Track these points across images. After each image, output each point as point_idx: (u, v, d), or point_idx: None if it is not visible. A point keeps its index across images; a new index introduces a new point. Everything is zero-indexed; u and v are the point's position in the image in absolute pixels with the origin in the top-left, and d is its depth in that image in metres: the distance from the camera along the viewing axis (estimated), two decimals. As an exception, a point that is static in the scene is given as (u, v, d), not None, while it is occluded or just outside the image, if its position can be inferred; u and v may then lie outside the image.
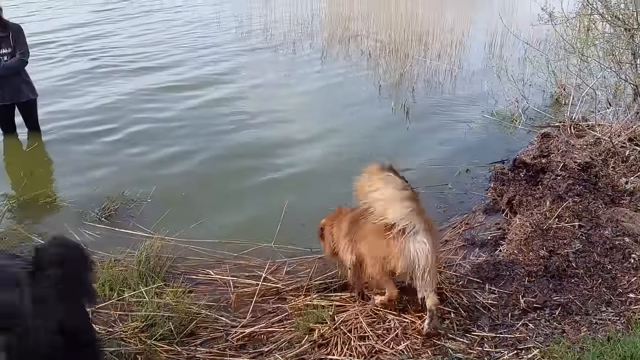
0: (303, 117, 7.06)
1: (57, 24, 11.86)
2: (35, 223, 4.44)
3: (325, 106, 7.56)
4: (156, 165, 5.55)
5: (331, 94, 8.01)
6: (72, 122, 6.58)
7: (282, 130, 6.55)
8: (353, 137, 6.42)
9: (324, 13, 12.99)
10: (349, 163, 5.39)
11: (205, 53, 9.92)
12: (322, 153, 5.96)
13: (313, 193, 4.99)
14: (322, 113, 7.29)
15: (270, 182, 5.26)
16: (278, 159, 5.78)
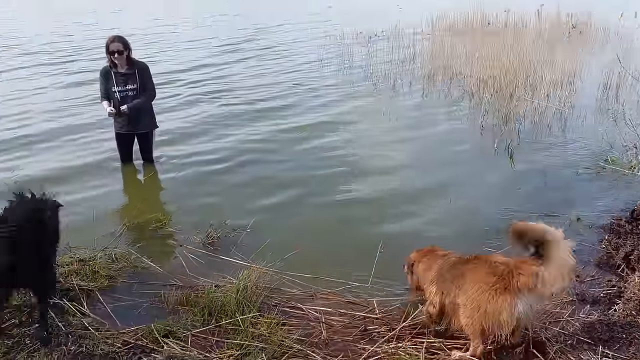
0: (403, 159, 6.94)
1: (182, 63, 12.77)
2: (146, 245, 4.74)
3: (426, 147, 7.43)
4: (257, 199, 5.73)
5: (432, 134, 7.88)
6: (185, 154, 6.99)
7: (384, 173, 6.46)
8: (453, 177, 6.25)
9: (425, 52, 12.98)
10: (452, 206, 5.25)
11: (313, 94, 10.13)
12: (422, 193, 5.86)
13: (413, 234, 4.90)
14: (424, 154, 7.15)
15: (367, 220, 5.23)
16: (374, 201, 5.71)
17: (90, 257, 4.35)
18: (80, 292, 3.86)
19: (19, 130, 7.89)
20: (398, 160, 6.86)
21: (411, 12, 18.13)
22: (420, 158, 6.97)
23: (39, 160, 6.77)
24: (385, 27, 15.59)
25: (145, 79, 6.04)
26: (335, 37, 15.63)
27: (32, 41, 16.13)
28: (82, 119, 8.38)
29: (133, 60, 5.98)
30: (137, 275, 4.21)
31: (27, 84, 10.79)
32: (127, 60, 5.89)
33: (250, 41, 16.26)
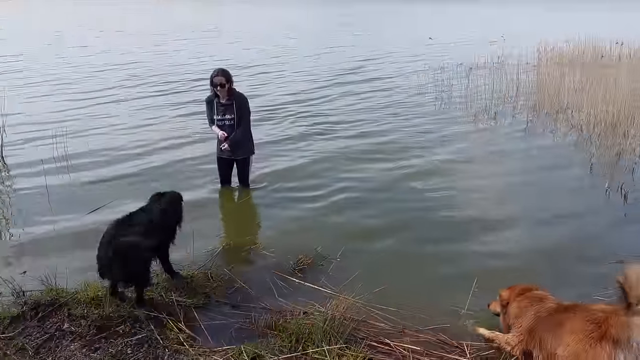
0: (505, 196, 6.65)
1: (287, 95, 13.16)
2: (239, 266, 4.89)
3: (529, 184, 7.05)
4: (349, 228, 5.75)
5: (535, 171, 7.49)
6: (282, 181, 7.14)
7: (482, 210, 6.17)
8: (558, 218, 5.86)
9: (530, 84, 12.47)
10: (557, 247, 4.97)
11: (410, 123, 10.08)
12: (523, 234, 5.57)
13: (509, 272, 4.64)
14: (526, 191, 6.81)
15: (462, 258, 5.06)
16: (473, 238, 5.51)
17: (189, 274, 4.59)
18: (178, 307, 4.07)
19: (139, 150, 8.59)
20: (498, 197, 6.56)
21: (515, 44, 17.57)
22: (524, 197, 6.62)
23: (147, 177, 7.29)
24: (487, 58, 15.25)
25: (242, 110, 6.35)
26: (435, 68, 15.52)
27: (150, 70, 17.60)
28: (189, 142, 8.92)
29: (234, 91, 6.32)
30: (230, 296, 4.36)
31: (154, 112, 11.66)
32: (228, 92, 6.24)
33: (354, 73, 16.50)
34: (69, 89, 13.87)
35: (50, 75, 15.95)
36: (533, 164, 7.75)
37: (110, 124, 10.12)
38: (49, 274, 4.35)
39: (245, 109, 6.39)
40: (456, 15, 51.36)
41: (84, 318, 3.81)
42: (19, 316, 3.82)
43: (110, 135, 9.36)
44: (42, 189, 6.67)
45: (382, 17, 50.58)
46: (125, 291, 4.15)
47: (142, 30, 35.00)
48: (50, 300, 3.97)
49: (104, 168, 7.60)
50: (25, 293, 4.18)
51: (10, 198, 6.55)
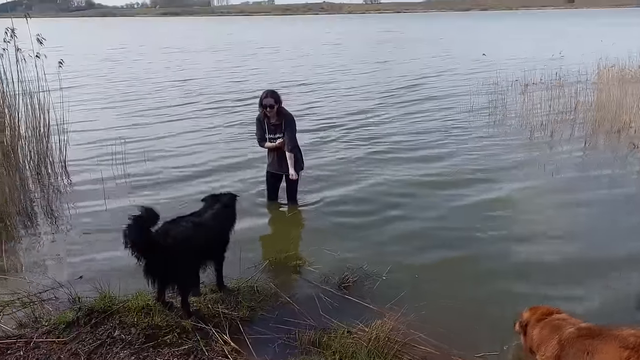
0: (562, 225, 6.18)
1: (340, 110, 13.25)
2: (284, 281, 4.91)
3: (591, 213, 6.60)
4: (397, 248, 5.66)
5: (597, 197, 7.06)
6: (330, 196, 7.15)
7: (541, 240, 5.80)
8: (619, 252, 5.45)
9: (589, 101, 11.99)
10: (617, 286, 4.71)
11: (465, 145, 9.73)
12: (579, 266, 5.20)
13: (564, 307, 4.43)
14: (587, 221, 6.33)
15: (516, 287, 4.85)
16: (535, 274, 5.11)
17: (235, 287, 4.65)
18: (224, 320, 4.12)
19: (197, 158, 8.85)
20: (557, 227, 6.13)
21: (574, 60, 17.01)
22: (582, 226, 6.20)
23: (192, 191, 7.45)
24: (543, 75, 14.82)
25: (291, 129, 6.45)
26: (489, 84, 15.22)
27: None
28: (240, 159, 9.09)
29: (282, 111, 6.43)
30: (275, 310, 4.37)
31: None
32: (277, 112, 6.37)
33: (407, 90, 16.45)
34: (130, 105, 14.50)
35: (112, 91, 16.75)
36: (592, 190, 7.28)
37: (167, 139, 10.51)
38: (102, 280, 4.53)
39: (291, 130, 6.48)
40: (511, 30, 50.38)
41: (134, 326, 3.92)
42: (73, 322, 3.98)
43: (166, 150, 9.69)
44: (100, 197, 6.98)
45: (437, 32, 50.26)
46: (173, 301, 4.25)
47: (202, 48, 36.21)
48: (103, 308, 4.12)
49: (159, 181, 7.89)
50: (81, 299, 4.36)
51: (70, 208, 6.86)
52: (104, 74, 21.39)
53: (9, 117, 7.82)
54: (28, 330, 3.95)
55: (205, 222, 4.27)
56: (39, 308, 4.31)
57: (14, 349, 3.69)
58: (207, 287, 4.60)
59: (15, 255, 5.54)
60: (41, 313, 4.22)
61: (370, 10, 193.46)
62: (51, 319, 4.04)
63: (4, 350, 3.68)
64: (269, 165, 6.76)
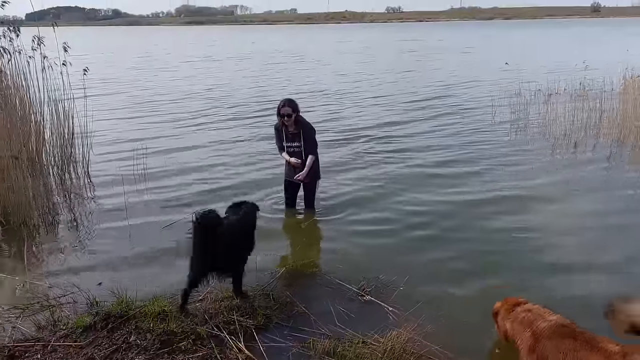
0: (595, 239, 5.99)
1: (364, 120, 13.15)
2: (300, 289, 4.89)
3: (622, 228, 6.29)
4: (416, 258, 5.57)
5: (626, 215, 6.78)
6: (350, 205, 7.08)
7: (572, 272, 5.31)
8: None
9: (615, 111, 11.76)
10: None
11: (489, 154, 9.57)
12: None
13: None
14: (617, 243, 5.91)
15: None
16: (560, 285, 4.96)
17: (251, 294, 4.65)
18: (239, 327, 4.12)
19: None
20: (587, 241, 5.95)
21: (598, 70, 16.71)
22: (610, 249, 5.73)
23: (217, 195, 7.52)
24: (567, 84, 14.59)
25: (307, 139, 6.48)
26: (512, 95, 15.06)
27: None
28: (261, 165, 9.13)
29: (300, 120, 6.46)
30: (290, 319, 4.35)
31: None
32: (295, 121, 6.39)
33: (430, 98, 16.36)
34: (154, 113, 14.72)
35: (137, 99, 17.03)
36: (620, 207, 6.99)
37: (188, 146, 10.64)
38: (120, 286, 4.58)
39: (310, 139, 6.52)
40: (535, 39, 49.85)
41: (149, 332, 3.94)
42: (90, 326, 4.02)
43: (189, 157, 9.80)
44: (121, 204, 7.07)
45: (461, 41, 50.03)
46: (191, 307, 4.28)
47: (226, 57, 36.62)
48: (120, 312, 4.15)
49: (179, 189, 7.95)
50: (99, 303, 4.42)
51: (91, 213, 6.97)
52: (129, 82, 21.78)
53: (35, 124, 8.00)
54: (46, 333, 4.00)
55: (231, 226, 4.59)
56: (58, 311, 4.37)
57: (31, 352, 3.74)
58: (223, 293, 4.61)
59: (37, 259, 5.64)
60: (60, 316, 4.28)
61: (392, 19, 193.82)
62: (69, 323, 4.09)
63: (23, 352, 3.73)
64: (286, 174, 6.81)
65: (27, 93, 7.84)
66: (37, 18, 9.13)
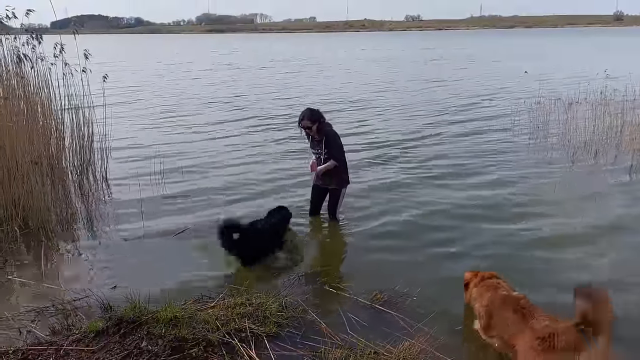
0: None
1: (392, 129, 13.10)
2: (313, 298, 4.87)
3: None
4: (431, 268, 5.54)
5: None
6: (372, 218, 6.97)
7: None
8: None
9: (636, 121, 11.54)
10: None
11: (510, 165, 9.39)
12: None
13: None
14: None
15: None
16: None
17: (264, 302, 4.63)
18: (250, 335, 4.10)
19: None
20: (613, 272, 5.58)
21: (620, 79, 16.42)
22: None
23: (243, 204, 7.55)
24: (588, 93, 14.37)
25: (330, 146, 6.50)
26: (532, 103, 14.90)
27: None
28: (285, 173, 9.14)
29: (323, 128, 6.48)
30: (302, 327, 4.32)
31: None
32: (317, 130, 6.44)
33: (454, 109, 16.22)
34: (175, 120, 14.88)
35: (159, 107, 17.24)
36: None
37: (208, 152, 10.72)
38: (134, 291, 4.60)
39: (332, 146, 6.52)
40: (557, 48, 49.33)
41: (161, 338, 3.95)
42: (103, 331, 4.05)
43: (208, 163, 9.87)
44: (138, 210, 7.15)
45: (483, 50, 49.77)
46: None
47: (248, 65, 36.95)
48: (133, 318, 4.17)
49: (198, 194, 7.99)
50: (112, 308, 4.44)
51: (108, 219, 7.06)
52: (150, 89, 22.07)
53: (55, 130, 8.14)
54: (60, 337, 4.03)
55: (266, 225, 5.92)
56: (72, 315, 4.42)
57: (44, 356, 3.78)
58: (235, 300, 4.60)
59: (54, 263, 5.71)
60: (74, 320, 4.32)
61: (411, 27, 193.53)
62: (82, 327, 4.12)
63: (36, 356, 3.77)
64: (315, 180, 6.82)
65: (48, 99, 7.97)
66: (61, 26, 9.31)
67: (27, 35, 7.60)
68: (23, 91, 7.51)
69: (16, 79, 7.40)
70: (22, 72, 7.48)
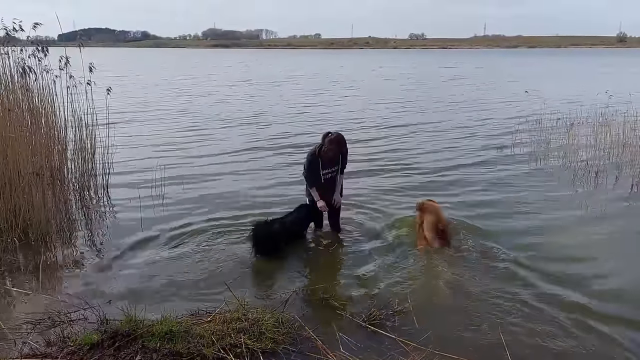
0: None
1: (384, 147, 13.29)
2: (310, 314, 4.86)
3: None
4: (430, 285, 5.55)
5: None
6: (373, 233, 6.98)
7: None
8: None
9: (636, 142, 11.57)
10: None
11: (513, 197, 8.72)
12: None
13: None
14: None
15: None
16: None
17: (260, 317, 4.61)
18: (246, 350, 4.09)
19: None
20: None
21: (622, 100, 16.47)
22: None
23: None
24: (589, 114, 14.42)
25: (344, 162, 6.64)
26: (531, 122, 14.96)
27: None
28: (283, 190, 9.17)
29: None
30: (298, 344, 4.30)
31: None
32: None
33: (449, 126, 16.35)
34: (176, 130, 14.94)
35: (161, 117, 17.32)
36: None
37: (210, 166, 10.78)
38: (130, 304, 4.60)
39: (345, 161, 6.68)
40: (559, 68, 49.60)
41: (155, 352, 3.94)
42: (98, 344, 4.04)
43: (209, 176, 9.97)
44: (137, 223, 7.19)
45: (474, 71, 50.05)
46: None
47: (264, 81, 37.14)
48: (128, 331, 4.16)
49: (196, 208, 8.02)
50: (108, 321, 4.44)
51: (108, 231, 7.09)
52: (153, 102, 22.21)
53: (59, 141, 8.19)
54: (54, 349, 4.03)
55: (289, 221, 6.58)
56: (68, 328, 4.41)
57: (38, 368, 3.77)
58: (232, 315, 4.59)
59: (52, 275, 5.72)
60: (70, 333, 4.31)
61: (415, 45, 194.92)
62: (77, 340, 4.11)
63: (30, 368, 3.76)
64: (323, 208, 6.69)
65: (52, 112, 8.04)
66: (69, 39, 9.43)
67: (33, 47, 7.69)
68: (28, 103, 7.59)
69: (21, 90, 7.49)
70: (27, 84, 7.56)
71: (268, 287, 5.48)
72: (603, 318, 4.78)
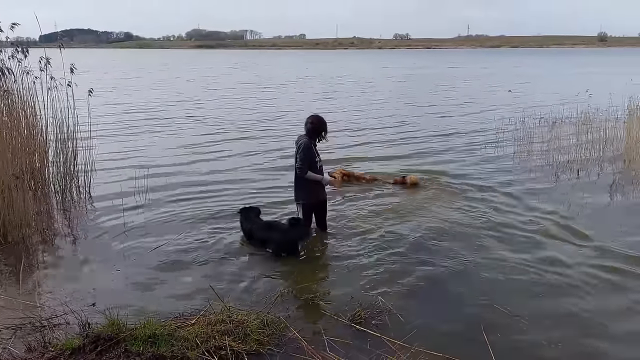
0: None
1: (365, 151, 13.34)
2: (295, 315, 4.83)
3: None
4: (415, 285, 5.49)
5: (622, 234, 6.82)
6: (357, 231, 7.00)
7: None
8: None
9: (618, 140, 11.74)
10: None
11: (497, 199, 9.07)
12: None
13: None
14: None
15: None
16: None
17: (245, 319, 4.58)
18: (230, 353, 4.05)
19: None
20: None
21: (602, 99, 16.68)
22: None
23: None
24: (571, 112, 14.60)
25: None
26: (514, 121, 15.09)
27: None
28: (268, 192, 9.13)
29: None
30: (284, 345, 4.28)
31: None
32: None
33: (432, 127, 16.52)
34: (159, 132, 14.81)
35: (144, 119, 17.15)
36: (622, 242, 6.68)
37: (194, 171, 10.70)
38: (113, 308, 4.54)
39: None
40: (541, 67, 50.15)
41: (139, 355, 3.89)
42: (79, 348, 3.97)
43: (192, 178, 9.89)
44: (120, 224, 7.11)
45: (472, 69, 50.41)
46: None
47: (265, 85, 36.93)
48: (110, 335, 4.10)
49: (179, 210, 7.96)
50: (90, 325, 4.37)
51: (90, 234, 6.99)
52: (135, 103, 22.00)
53: (39, 143, 8.08)
54: (35, 355, 3.95)
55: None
56: (50, 333, 4.34)
57: (19, 374, 3.70)
58: (217, 317, 4.55)
59: (33, 279, 5.61)
60: (51, 338, 4.23)
61: (400, 45, 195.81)
62: (58, 345, 4.04)
63: (9, 374, 3.69)
64: (311, 197, 6.66)
65: (32, 113, 7.92)
66: (50, 40, 9.30)
67: (12, 48, 7.57)
68: (8, 104, 7.46)
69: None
70: (7, 85, 7.43)
71: (253, 289, 5.43)
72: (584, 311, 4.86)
